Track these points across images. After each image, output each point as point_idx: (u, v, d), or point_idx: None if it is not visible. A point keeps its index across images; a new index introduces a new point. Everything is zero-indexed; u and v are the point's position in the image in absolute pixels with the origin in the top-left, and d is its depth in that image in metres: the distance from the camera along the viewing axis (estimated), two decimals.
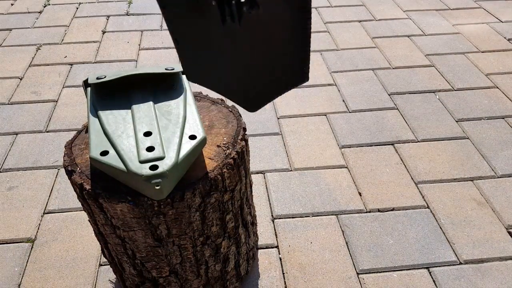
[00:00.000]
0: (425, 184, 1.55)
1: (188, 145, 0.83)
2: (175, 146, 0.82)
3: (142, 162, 0.78)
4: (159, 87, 0.98)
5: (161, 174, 0.77)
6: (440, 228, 1.39)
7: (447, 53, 2.29)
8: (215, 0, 0.50)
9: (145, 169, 0.77)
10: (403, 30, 2.52)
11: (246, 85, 0.73)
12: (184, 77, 1.01)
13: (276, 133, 1.78)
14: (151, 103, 0.92)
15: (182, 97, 0.95)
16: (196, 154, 0.85)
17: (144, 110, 0.90)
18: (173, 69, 0.98)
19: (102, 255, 1.32)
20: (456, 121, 1.84)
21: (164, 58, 2.26)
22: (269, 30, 0.60)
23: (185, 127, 0.87)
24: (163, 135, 0.85)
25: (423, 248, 1.33)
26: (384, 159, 1.65)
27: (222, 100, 1.09)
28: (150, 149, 0.81)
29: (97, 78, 0.94)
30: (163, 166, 0.78)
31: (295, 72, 0.66)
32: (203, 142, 0.85)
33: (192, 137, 0.85)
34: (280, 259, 1.31)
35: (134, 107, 0.91)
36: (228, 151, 0.91)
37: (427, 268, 1.28)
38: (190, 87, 0.98)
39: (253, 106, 0.76)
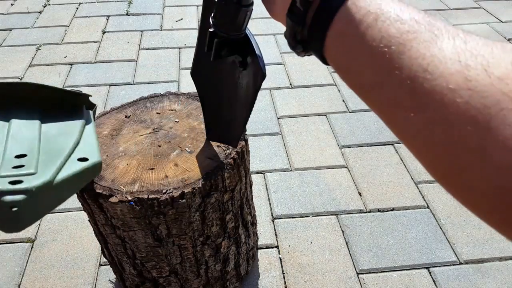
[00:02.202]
0: (425, 184, 1.55)
1: (73, 167, 0.68)
2: (54, 166, 0.66)
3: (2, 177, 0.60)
4: (55, 108, 0.83)
5: (24, 191, 0.57)
6: (440, 228, 1.39)
7: None
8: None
9: (1, 183, 0.57)
10: None
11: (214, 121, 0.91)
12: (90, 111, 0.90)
13: (276, 133, 1.78)
14: (37, 122, 0.77)
15: (81, 121, 0.82)
16: (85, 179, 0.71)
17: (25, 129, 0.74)
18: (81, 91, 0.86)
19: (102, 255, 1.32)
20: None
21: (164, 58, 2.26)
22: (237, 87, 0.74)
23: (76, 149, 0.73)
24: (42, 157, 0.68)
25: (423, 248, 1.33)
26: (384, 159, 1.65)
27: None
28: (19, 167, 0.64)
29: None
30: (30, 182, 0.58)
31: (234, 134, 0.86)
32: (96, 166, 0.72)
33: (83, 159, 0.71)
34: (280, 259, 1.31)
35: (14, 122, 0.75)
36: (228, 151, 0.91)
37: (427, 268, 1.28)
38: (94, 117, 0.88)
39: (209, 137, 0.94)
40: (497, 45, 0.24)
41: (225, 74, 0.62)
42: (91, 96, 0.90)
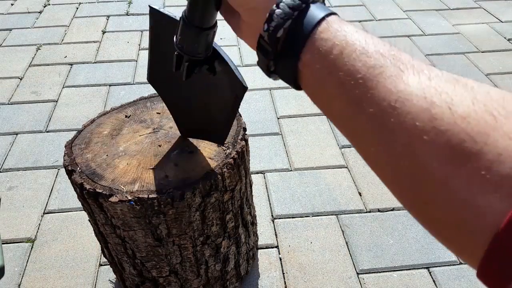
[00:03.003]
0: None
1: None
2: None
3: None
4: None
5: None
6: None
7: (447, 53, 2.29)
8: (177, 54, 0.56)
9: None
10: (403, 30, 2.52)
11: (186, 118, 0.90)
12: None
13: (276, 133, 1.78)
14: None
15: None
16: None
17: None
18: None
19: (102, 255, 1.32)
20: None
21: None
22: (210, 91, 0.75)
23: None
24: None
25: (423, 248, 1.33)
26: None
27: None
28: None
29: None
30: None
31: (216, 133, 0.86)
32: None
33: None
34: (280, 259, 1.31)
35: None
36: (228, 151, 0.91)
37: (427, 268, 1.28)
38: None
39: (183, 134, 0.94)
40: (459, 83, 0.25)
41: (190, 80, 0.61)
42: None
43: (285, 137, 1.76)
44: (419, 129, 0.24)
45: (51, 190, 1.53)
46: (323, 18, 0.31)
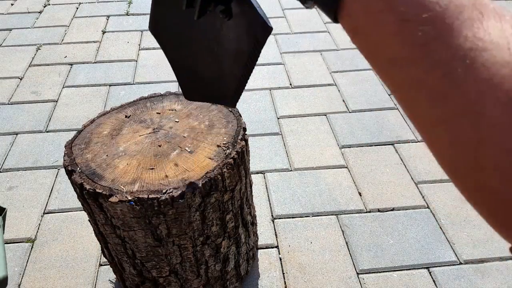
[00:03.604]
0: (425, 184, 1.55)
1: None
2: None
3: None
4: None
5: None
6: (440, 228, 1.39)
7: None
8: None
9: None
10: None
11: (191, 78, 0.76)
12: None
13: (276, 133, 1.78)
14: None
15: None
16: None
17: None
18: None
19: (102, 255, 1.32)
20: None
21: (164, 58, 2.26)
22: (223, 40, 0.62)
23: None
24: None
25: (423, 248, 1.33)
26: (384, 159, 1.65)
27: None
28: None
29: None
30: None
31: (227, 93, 0.72)
32: (1, 282, 0.69)
33: None
34: (280, 259, 1.31)
35: None
36: (228, 151, 0.91)
37: (427, 268, 1.28)
38: (4, 223, 0.83)
39: (187, 96, 0.76)
40: None
41: (200, 26, 0.54)
42: None
43: (285, 137, 1.76)
44: (495, 86, 0.20)
45: (51, 190, 1.53)
46: None
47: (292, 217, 1.44)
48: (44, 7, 2.76)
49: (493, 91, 0.20)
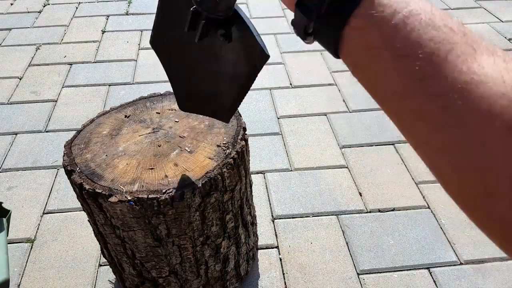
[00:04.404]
0: (425, 184, 1.54)
1: None
2: None
3: None
4: None
5: None
6: (441, 228, 1.39)
7: None
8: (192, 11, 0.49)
9: None
10: None
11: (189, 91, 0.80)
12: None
13: (276, 133, 1.78)
14: None
15: None
16: None
17: None
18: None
19: (102, 255, 1.31)
20: None
21: None
22: (221, 60, 0.66)
23: None
24: None
25: (423, 248, 1.33)
26: (385, 159, 1.65)
27: None
28: None
29: None
30: None
31: (221, 109, 0.76)
32: (2, 284, 0.72)
33: None
34: (280, 259, 1.31)
35: None
36: (228, 151, 0.91)
37: (427, 268, 1.28)
38: (8, 225, 0.85)
39: (182, 107, 0.82)
40: None
41: (200, 46, 0.56)
42: (2, 202, 0.87)
43: (285, 137, 1.76)
44: (493, 116, 0.21)
45: (51, 190, 1.53)
46: None
47: (292, 217, 1.43)
48: (44, 6, 2.75)
49: (492, 121, 0.21)
